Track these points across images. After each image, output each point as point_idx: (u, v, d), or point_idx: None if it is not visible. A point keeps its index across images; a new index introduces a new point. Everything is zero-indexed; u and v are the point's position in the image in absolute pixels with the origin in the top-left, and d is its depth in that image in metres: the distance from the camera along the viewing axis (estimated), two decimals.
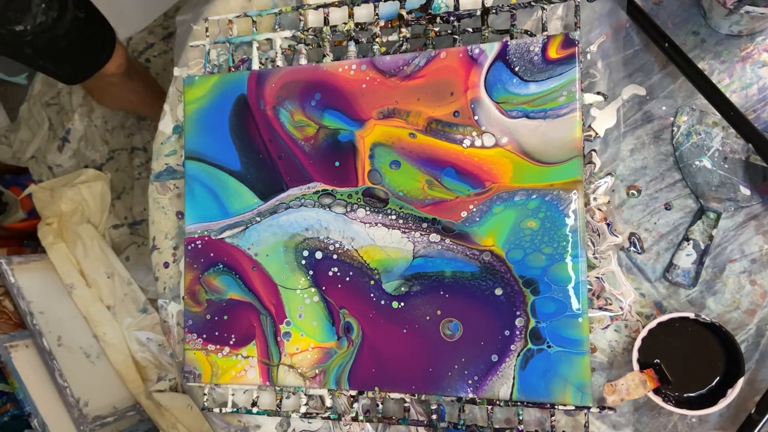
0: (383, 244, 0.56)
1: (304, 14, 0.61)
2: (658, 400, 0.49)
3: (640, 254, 0.54)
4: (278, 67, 0.61)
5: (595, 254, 0.54)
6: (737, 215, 0.53)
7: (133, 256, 1.43)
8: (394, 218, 0.55)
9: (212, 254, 0.61)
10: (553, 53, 0.51)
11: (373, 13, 0.59)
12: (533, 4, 0.54)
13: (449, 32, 0.56)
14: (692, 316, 0.49)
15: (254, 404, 0.60)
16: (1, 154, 1.59)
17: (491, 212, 0.53)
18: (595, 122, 0.55)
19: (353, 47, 0.59)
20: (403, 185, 0.55)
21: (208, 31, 0.65)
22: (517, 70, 0.52)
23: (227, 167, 0.61)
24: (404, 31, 0.57)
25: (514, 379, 0.51)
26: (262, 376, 0.59)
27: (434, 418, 0.55)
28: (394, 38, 0.59)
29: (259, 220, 0.60)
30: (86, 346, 1.27)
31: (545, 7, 0.53)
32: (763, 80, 0.53)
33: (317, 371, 0.57)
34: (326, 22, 0.60)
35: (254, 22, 0.63)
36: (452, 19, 0.56)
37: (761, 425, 0.48)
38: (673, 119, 0.54)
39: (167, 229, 0.68)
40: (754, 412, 0.48)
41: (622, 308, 0.54)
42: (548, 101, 0.51)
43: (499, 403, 0.52)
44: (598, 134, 0.55)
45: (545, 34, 0.53)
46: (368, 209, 0.56)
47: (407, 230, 0.55)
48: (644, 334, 0.50)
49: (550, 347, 0.50)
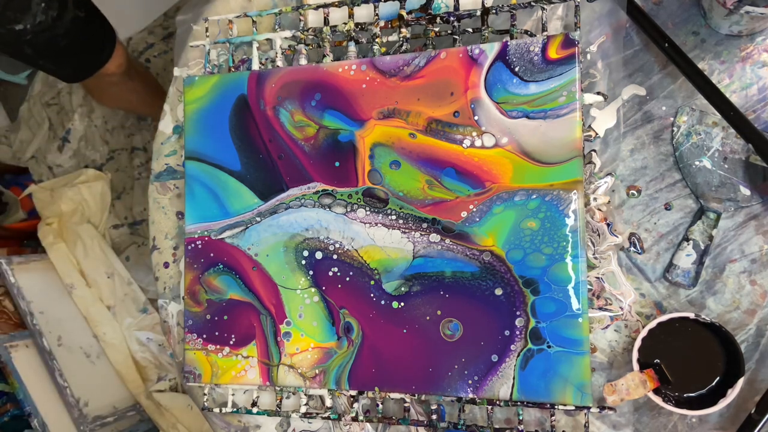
0: (383, 244, 0.56)
1: (304, 14, 0.61)
2: (658, 400, 0.49)
3: (640, 254, 0.54)
4: (278, 67, 0.61)
5: (595, 254, 0.54)
6: (737, 215, 0.53)
7: (133, 256, 1.43)
8: (394, 218, 0.55)
9: (212, 254, 0.61)
10: (553, 53, 0.51)
11: (373, 13, 0.59)
12: (533, 4, 0.54)
13: (449, 32, 0.56)
14: (692, 316, 0.49)
15: (254, 404, 0.60)
16: (1, 154, 1.59)
17: (491, 212, 0.53)
18: (595, 122, 0.55)
19: (353, 47, 0.59)
20: (403, 185, 0.55)
21: (208, 31, 0.65)
22: (517, 70, 0.52)
23: (227, 167, 0.61)
24: (404, 31, 0.57)
25: (514, 379, 0.51)
26: (262, 376, 0.59)
27: (434, 418, 0.55)
28: (394, 38, 0.59)
29: (259, 220, 0.60)
30: (86, 346, 1.27)
31: (545, 7, 0.53)
32: (763, 80, 0.53)
33: (317, 371, 0.57)
34: (326, 22, 0.60)
35: (254, 22, 0.63)
36: (452, 19, 0.56)
37: (761, 425, 0.48)
38: (673, 119, 0.54)
39: (167, 229, 0.68)
40: (754, 412, 0.48)
41: (622, 308, 0.54)
42: (548, 101, 0.51)
43: (499, 403, 0.52)
44: (598, 134, 0.55)
45: (545, 34, 0.52)
46: (368, 209, 0.56)
47: (407, 230, 0.55)
48: (644, 334, 0.50)
49: (550, 347, 0.50)
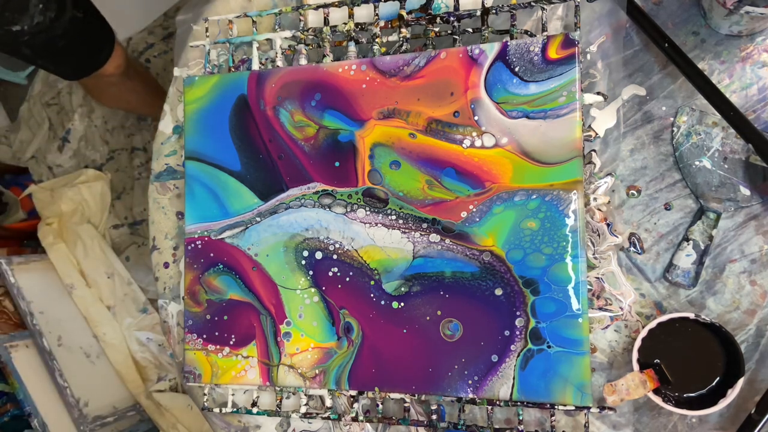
0: (383, 244, 0.56)
1: (304, 14, 0.61)
2: (658, 400, 0.49)
3: (640, 254, 0.54)
4: (278, 67, 0.61)
5: (595, 254, 0.54)
6: (737, 215, 0.53)
7: (133, 256, 1.43)
8: (394, 218, 0.55)
9: (212, 254, 0.61)
10: (553, 53, 0.51)
11: (373, 13, 0.59)
12: (533, 4, 0.54)
13: (449, 32, 0.56)
14: (692, 316, 0.49)
15: (254, 404, 0.60)
16: (1, 154, 1.59)
17: (491, 212, 0.53)
18: (595, 122, 0.55)
19: (353, 47, 0.59)
20: (403, 185, 0.55)
21: (208, 31, 0.65)
22: (517, 70, 0.52)
23: (227, 167, 0.61)
24: (404, 31, 0.57)
25: (514, 379, 0.51)
26: (262, 376, 0.59)
27: (434, 418, 0.55)
28: (394, 38, 0.59)
29: (259, 220, 0.60)
30: (86, 346, 1.27)
31: (545, 7, 0.53)
32: (763, 80, 0.53)
33: (317, 371, 0.57)
34: (326, 22, 0.60)
35: (254, 22, 0.63)
36: (452, 19, 0.56)
37: (761, 425, 0.48)
38: (673, 119, 0.54)
39: (167, 229, 0.68)
40: (754, 412, 0.48)
41: (622, 308, 0.54)
42: (548, 101, 0.51)
43: (499, 403, 0.52)
44: (598, 134, 0.55)
45: (545, 34, 0.52)
46: (368, 209, 0.56)
47: (407, 230, 0.55)
48: (644, 334, 0.50)
49: (550, 347, 0.50)
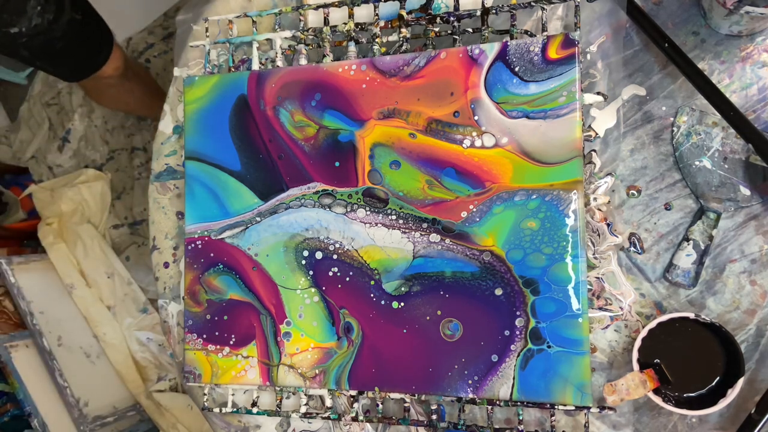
0: (383, 244, 0.56)
1: (304, 14, 0.61)
2: (658, 400, 0.49)
3: (640, 254, 0.54)
4: (278, 67, 0.61)
5: (595, 254, 0.54)
6: (737, 215, 0.53)
7: (133, 256, 1.43)
8: (394, 218, 0.55)
9: (212, 254, 0.61)
10: (553, 53, 0.51)
11: (373, 13, 0.59)
12: (533, 4, 0.54)
13: (449, 32, 0.56)
14: (692, 316, 0.49)
15: (254, 404, 0.60)
16: (1, 154, 1.59)
17: (491, 212, 0.53)
18: (595, 122, 0.55)
19: (353, 47, 0.59)
20: (403, 185, 0.55)
21: (208, 31, 0.65)
22: (517, 70, 0.52)
23: (227, 167, 0.61)
24: (404, 31, 0.57)
25: (514, 379, 0.51)
26: (262, 376, 0.59)
27: (434, 418, 0.55)
28: (394, 38, 0.59)
29: (259, 220, 0.60)
30: (86, 346, 1.27)
31: (545, 7, 0.53)
32: (763, 80, 0.53)
33: (317, 371, 0.57)
34: (326, 22, 0.60)
35: (254, 22, 0.63)
36: (452, 19, 0.56)
37: (761, 425, 0.48)
38: (673, 119, 0.54)
39: (167, 229, 0.68)
40: (754, 412, 0.48)
41: (622, 308, 0.54)
42: (548, 101, 0.51)
43: (499, 403, 0.52)
44: (598, 134, 0.55)
45: (545, 34, 0.53)
46: (368, 209, 0.56)
47: (407, 230, 0.55)
48: (644, 334, 0.50)
49: (550, 347, 0.50)
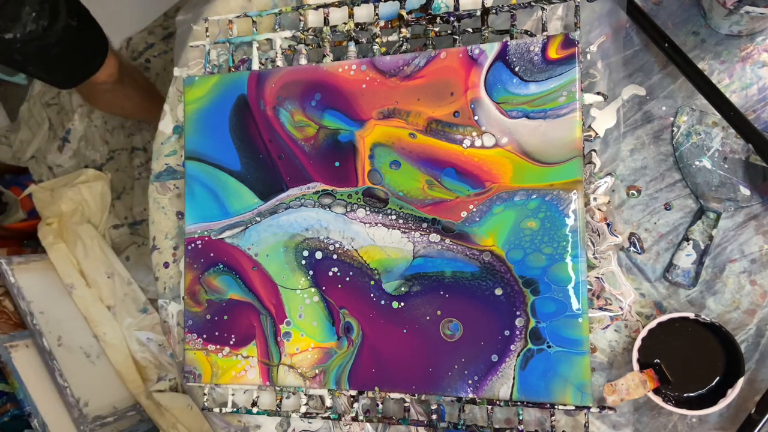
0: (383, 244, 0.56)
1: (304, 14, 0.61)
2: (658, 400, 0.49)
3: (640, 254, 0.54)
4: (278, 67, 0.61)
5: (595, 254, 0.54)
6: (737, 215, 0.53)
7: (133, 256, 1.43)
8: (394, 218, 0.55)
9: (212, 254, 0.61)
10: (553, 53, 0.51)
11: (373, 13, 0.59)
12: (533, 4, 0.54)
13: (449, 32, 0.56)
14: (692, 316, 0.49)
15: (254, 404, 0.60)
16: (1, 154, 1.59)
17: (491, 212, 0.53)
18: (595, 122, 0.55)
19: (353, 47, 0.59)
20: (403, 185, 0.55)
21: (208, 31, 0.65)
22: (517, 70, 0.52)
23: (227, 167, 0.61)
24: (404, 31, 0.57)
25: (514, 379, 0.51)
26: (262, 376, 0.59)
27: (434, 418, 0.55)
28: (394, 38, 0.59)
29: (259, 220, 0.60)
30: (86, 346, 1.27)
31: (545, 7, 0.53)
32: (763, 80, 0.53)
33: (317, 371, 0.57)
34: (326, 22, 0.60)
35: (254, 22, 0.63)
36: (452, 19, 0.56)
37: (761, 425, 0.48)
38: (673, 119, 0.54)
39: (167, 229, 0.68)
40: (754, 412, 0.48)
41: (622, 308, 0.54)
42: (548, 101, 0.51)
43: (499, 403, 0.52)
44: (598, 134, 0.55)
45: (545, 34, 0.52)
46: (368, 209, 0.56)
47: (407, 230, 0.55)
48: (644, 334, 0.50)
49: (550, 347, 0.50)
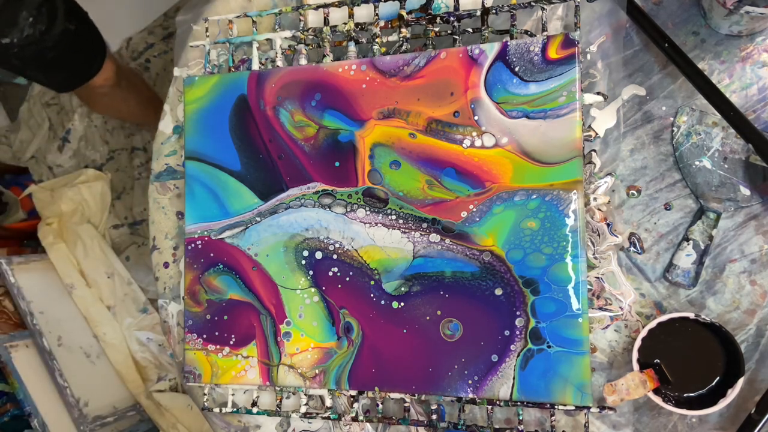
0: (383, 244, 0.56)
1: (304, 14, 0.61)
2: (658, 400, 0.49)
3: (640, 254, 0.54)
4: (278, 67, 0.61)
5: (595, 254, 0.54)
6: (737, 215, 0.53)
7: (133, 256, 1.43)
8: (394, 218, 0.55)
9: (212, 254, 0.61)
10: (553, 53, 0.51)
11: (373, 13, 0.59)
12: (533, 4, 0.54)
13: (449, 32, 0.56)
14: (692, 316, 0.49)
15: (254, 404, 0.60)
16: (1, 154, 1.59)
17: (491, 212, 0.53)
18: (595, 122, 0.55)
19: (353, 47, 0.59)
20: (403, 185, 0.55)
21: (208, 31, 0.65)
22: (517, 70, 0.52)
23: (227, 167, 0.61)
24: (404, 31, 0.57)
25: (514, 379, 0.51)
26: (262, 376, 0.59)
27: (434, 418, 0.55)
28: (394, 38, 0.59)
29: (259, 220, 0.60)
30: (86, 346, 1.27)
31: (545, 7, 0.53)
32: (763, 80, 0.53)
33: (317, 371, 0.57)
34: (326, 22, 0.60)
35: (254, 22, 0.63)
36: (452, 19, 0.56)
37: (761, 425, 0.48)
38: (673, 119, 0.54)
39: (167, 229, 0.68)
40: (754, 412, 0.48)
41: (622, 308, 0.54)
42: (548, 101, 0.51)
43: (499, 403, 0.52)
44: (598, 134, 0.55)
45: (545, 34, 0.53)
46: (368, 209, 0.56)
47: (407, 230, 0.55)
48: (644, 334, 0.50)
49: (550, 347, 0.50)
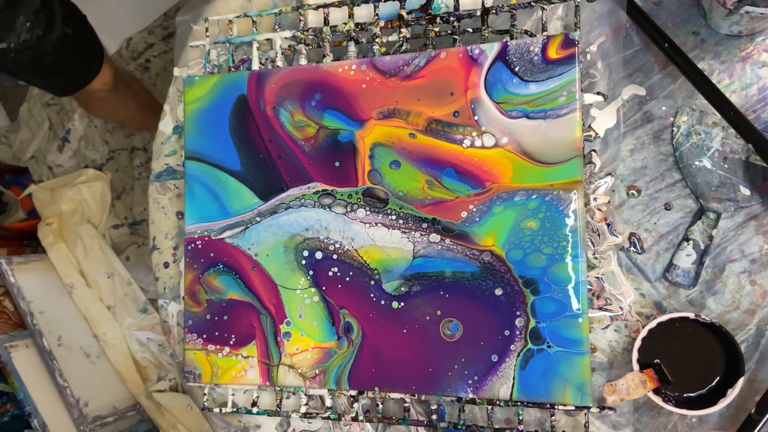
0: (383, 244, 0.56)
1: (304, 14, 0.61)
2: (658, 400, 0.49)
3: (640, 254, 0.54)
4: (278, 67, 0.61)
5: (595, 254, 0.54)
6: (737, 215, 0.53)
7: (133, 256, 1.43)
8: (394, 218, 0.55)
9: (212, 254, 0.61)
10: (553, 53, 0.51)
11: (373, 13, 0.59)
12: (533, 4, 0.54)
13: (449, 32, 0.56)
14: (692, 316, 0.49)
15: (254, 404, 0.60)
16: (1, 154, 1.59)
17: (491, 212, 0.53)
18: (595, 122, 0.55)
19: (353, 47, 0.59)
20: (403, 185, 0.55)
21: (208, 31, 0.65)
22: (517, 70, 0.52)
23: (227, 167, 0.61)
24: (404, 31, 0.57)
25: (514, 379, 0.51)
26: (262, 376, 0.59)
27: (434, 418, 0.55)
28: (394, 38, 0.59)
29: (259, 220, 0.60)
30: (86, 346, 1.27)
31: (545, 7, 0.53)
32: (763, 80, 0.53)
33: (317, 371, 0.57)
34: (326, 22, 0.60)
35: (254, 22, 0.63)
36: (452, 19, 0.56)
37: (761, 425, 0.48)
38: (673, 119, 0.54)
39: (167, 229, 0.68)
40: (754, 412, 0.48)
41: (622, 308, 0.54)
42: (548, 101, 0.51)
43: (499, 403, 0.52)
44: (598, 134, 0.55)
45: (545, 34, 0.52)
46: (368, 209, 0.56)
47: (407, 230, 0.55)
48: (644, 334, 0.50)
49: (550, 347, 0.50)
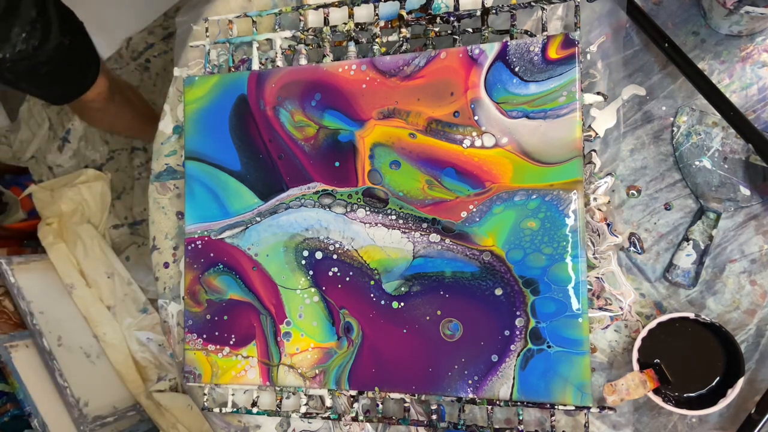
0: (383, 244, 0.56)
1: (304, 14, 0.61)
2: (658, 400, 0.49)
3: (640, 254, 0.54)
4: (278, 67, 0.61)
5: (595, 254, 0.54)
6: (737, 215, 0.53)
7: (133, 256, 1.43)
8: (394, 218, 0.55)
9: (212, 254, 0.61)
10: (553, 53, 0.51)
11: (373, 13, 0.59)
12: (533, 4, 0.54)
13: (449, 32, 0.56)
14: (692, 316, 0.49)
15: (254, 404, 0.60)
16: (1, 154, 1.59)
17: (491, 212, 0.53)
18: (595, 122, 0.55)
19: (353, 47, 0.59)
20: (403, 185, 0.55)
21: (208, 31, 0.65)
22: (517, 70, 0.52)
23: (227, 167, 0.61)
24: (404, 31, 0.57)
25: (514, 379, 0.51)
26: (262, 376, 0.59)
27: (434, 418, 0.55)
28: (394, 38, 0.59)
29: (259, 220, 0.60)
30: (86, 346, 1.27)
31: (545, 7, 0.53)
32: (763, 80, 0.53)
33: (317, 371, 0.57)
34: (326, 22, 0.60)
35: (254, 22, 0.63)
36: (452, 19, 0.56)
37: (761, 425, 0.48)
38: (673, 119, 0.54)
39: (167, 229, 0.68)
40: (754, 412, 0.48)
41: (622, 308, 0.54)
42: (548, 101, 0.51)
43: (499, 403, 0.52)
44: (598, 134, 0.55)
45: (545, 34, 0.53)
46: (368, 209, 0.56)
47: (407, 230, 0.55)
48: (644, 334, 0.50)
49: (550, 347, 0.50)
